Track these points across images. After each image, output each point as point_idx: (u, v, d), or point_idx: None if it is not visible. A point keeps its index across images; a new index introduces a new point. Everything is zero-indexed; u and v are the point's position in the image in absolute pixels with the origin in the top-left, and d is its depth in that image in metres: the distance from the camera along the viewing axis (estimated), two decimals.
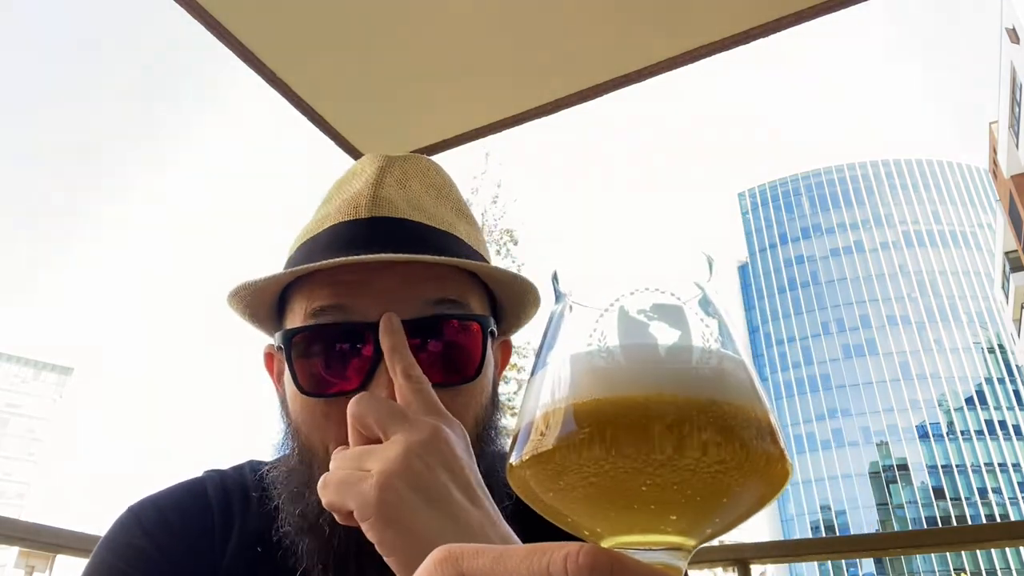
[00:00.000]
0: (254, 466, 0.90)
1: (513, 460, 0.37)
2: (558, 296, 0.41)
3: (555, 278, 0.41)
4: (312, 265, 0.78)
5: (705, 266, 0.40)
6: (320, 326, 0.78)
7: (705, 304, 0.38)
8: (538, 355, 0.40)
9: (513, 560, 0.30)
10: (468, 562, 0.31)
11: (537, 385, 0.38)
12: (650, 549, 0.34)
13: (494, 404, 0.87)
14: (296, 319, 0.82)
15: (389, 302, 0.77)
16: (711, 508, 0.34)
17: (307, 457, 0.79)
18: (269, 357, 0.93)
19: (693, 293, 0.38)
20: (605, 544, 0.35)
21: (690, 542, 0.35)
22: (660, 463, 0.32)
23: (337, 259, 0.77)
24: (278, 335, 0.82)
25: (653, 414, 0.33)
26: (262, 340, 0.95)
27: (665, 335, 0.36)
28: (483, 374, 0.83)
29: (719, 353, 0.36)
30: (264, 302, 0.87)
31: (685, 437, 0.32)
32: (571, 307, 0.39)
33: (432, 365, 0.78)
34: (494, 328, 0.85)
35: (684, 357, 0.35)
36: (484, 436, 0.83)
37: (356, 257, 0.77)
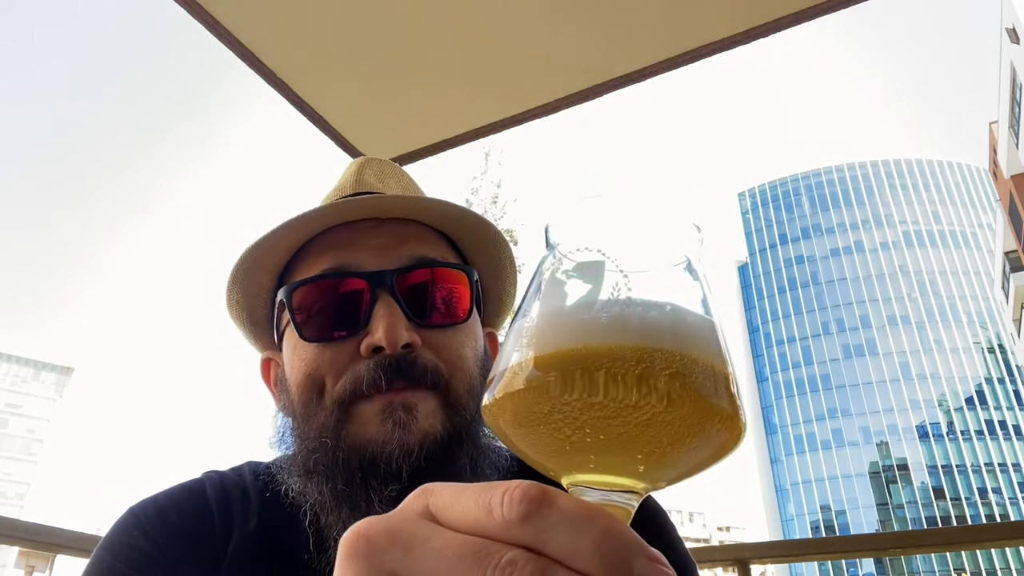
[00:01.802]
0: (253, 467, 0.91)
1: (486, 399, 0.39)
2: (549, 246, 0.42)
3: (547, 230, 0.42)
4: (302, 214, 0.85)
5: (694, 235, 0.41)
6: (319, 276, 0.84)
7: (690, 270, 0.40)
8: (521, 303, 0.41)
9: (467, 494, 0.33)
10: (434, 497, 0.34)
11: (517, 332, 0.40)
12: (603, 489, 0.37)
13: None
14: None
15: (381, 255, 0.84)
16: (664, 457, 0.36)
17: (303, 406, 0.83)
18: (266, 365, 0.97)
19: (679, 260, 0.41)
20: (564, 482, 0.38)
21: (641, 486, 0.37)
22: (620, 409, 0.35)
23: (322, 205, 0.85)
24: (282, 290, 0.86)
25: (614, 362, 0.35)
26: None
27: (640, 292, 0.38)
28: (473, 321, 0.88)
29: (693, 312, 0.38)
30: (262, 290, 0.91)
31: (647, 387, 0.34)
32: (560, 259, 0.41)
33: (426, 307, 0.84)
34: (479, 280, 0.91)
35: (659, 313, 0.37)
36: (480, 389, 0.86)
37: (340, 201, 0.85)
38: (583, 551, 0.30)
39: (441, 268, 0.86)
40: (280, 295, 0.87)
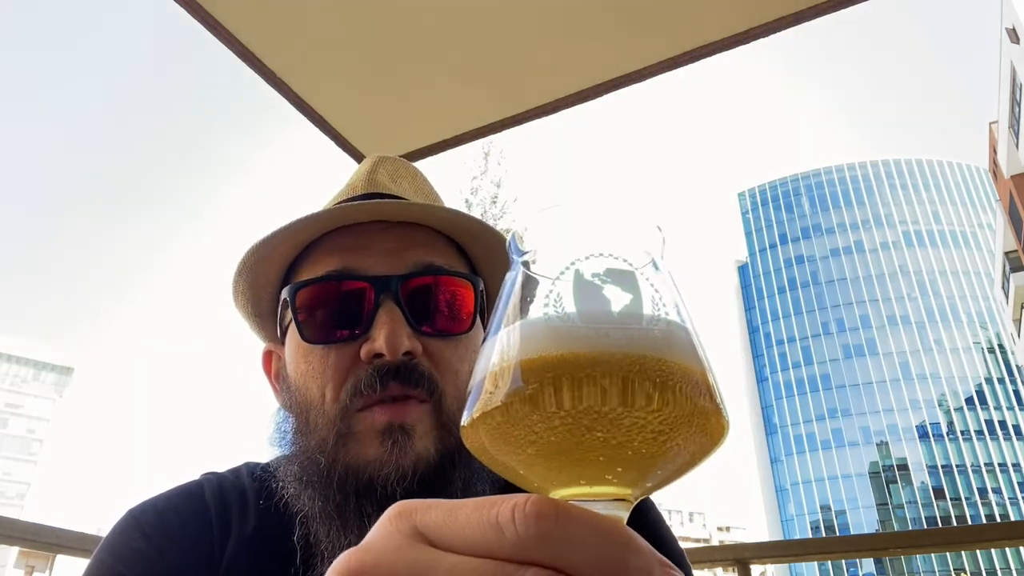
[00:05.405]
0: (251, 468, 0.91)
1: (464, 420, 0.38)
2: (513, 262, 0.41)
3: (511, 243, 0.41)
4: (312, 214, 0.84)
5: (657, 238, 0.41)
6: (323, 278, 0.83)
7: (654, 271, 0.40)
8: (491, 321, 0.40)
9: (464, 512, 0.31)
10: (421, 516, 0.32)
11: (489, 348, 0.38)
12: (595, 500, 0.36)
13: None
14: None
15: (387, 260, 0.83)
16: (653, 461, 0.36)
17: (304, 411, 0.82)
18: (267, 357, 0.96)
19: (644, 260, 0.40)
20: (551, 496, 0.36)
21: (633, 493, 0.37)
22: (605, 417, 0.34)
23: (328, 207, 0.84)
24: (286, 289, 0.86)
25: (600, 370, 0.34)
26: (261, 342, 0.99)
27: (617, 298, 0.37)
28: (476, 331, 0.87)
29: (666, 318, 0.38)
30: (268, 283, 0.91)
31: (630, 392, 0.34)
32: (525, 273, 0.40)
33: (428, 315, 0.83)
34: (484, 290, 0.90)
35: (634, 319, 0.37)
36: None
37: (349, 203, 0.84)
38: (607, 568, 0.29)
39: (446, 276, 0.85)
40: (284, 294, 0.87)
